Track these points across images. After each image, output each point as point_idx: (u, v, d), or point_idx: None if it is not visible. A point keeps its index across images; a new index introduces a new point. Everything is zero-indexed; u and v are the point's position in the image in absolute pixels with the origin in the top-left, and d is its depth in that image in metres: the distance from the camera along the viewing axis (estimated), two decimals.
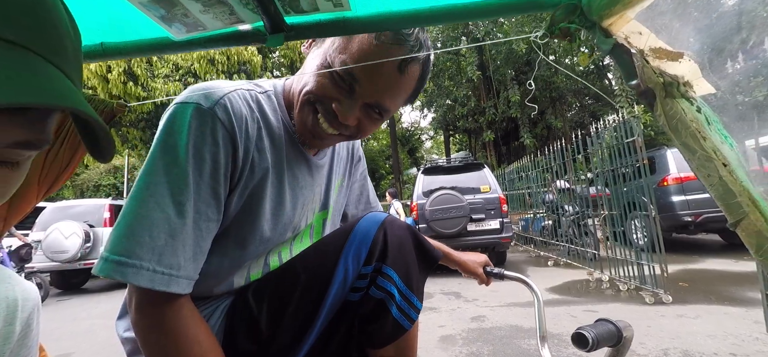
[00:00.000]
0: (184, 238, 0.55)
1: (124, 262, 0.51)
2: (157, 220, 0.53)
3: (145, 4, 0.58)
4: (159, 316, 0.55)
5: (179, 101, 0.60)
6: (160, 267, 0.53)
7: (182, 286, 0.55)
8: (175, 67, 10.70)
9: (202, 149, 0.57)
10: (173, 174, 0.55)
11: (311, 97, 0.68)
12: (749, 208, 0.65)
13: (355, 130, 0.72)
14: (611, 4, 0.63)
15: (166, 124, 0.58)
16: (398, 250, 0.68)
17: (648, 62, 0.67)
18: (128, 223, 0.53)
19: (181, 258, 0.55)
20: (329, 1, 0.66)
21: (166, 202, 0.54)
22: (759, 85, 1.32)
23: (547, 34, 0.72)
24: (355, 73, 0.65)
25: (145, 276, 0.51)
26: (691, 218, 5.24)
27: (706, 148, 0.66)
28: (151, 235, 0.53)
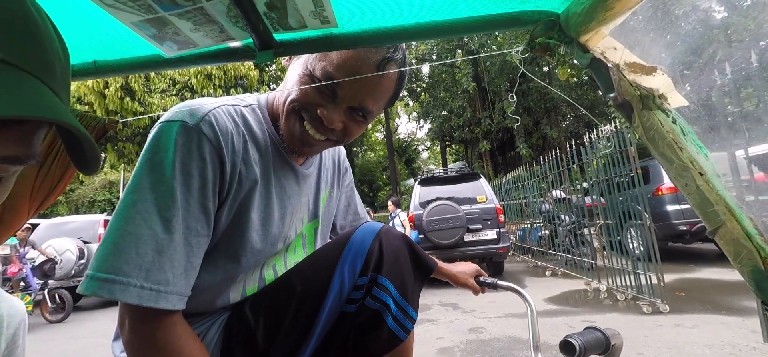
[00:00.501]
0: (172, 254, 0.55)
1: (111, 279, 0.51)
2: (144, 237, 0.53)
3: (136, 23, 0.60)
4: (149, 333, 0.54)
5: (164, 120, 0.61)
6: (148, 283, 0.52)
7: (172, 302, 0.55)
8: (172, 82, 10.77)
9: (189, 165, 0.58)
10: (160, 191, 0.55)
11: (296, 106, 0.70)
12: (726, 216, 0.66)
13: (342, 134, 0.73)
14: (587, 20, 0.66)
15: (151, 143, 0.59)
16: (394, 260, 0.69)
17: (624, 76, 0.70)
18: (114, 240, 0.53)
19: (170, 274, 0.55)
20: (317, 19, 0.69)
21: (152, 219, 0.54)
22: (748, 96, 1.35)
23: (528, 49, 0.75)
24: (335, 77, 0.67)
25: (133, 292, 0.51)
26: (686, 227, 5.26)
27: (682, 158, 0.69)
28: (138, 252, 0.52)
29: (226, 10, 0.62)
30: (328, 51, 0.75)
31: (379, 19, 0.74)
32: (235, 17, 0.64)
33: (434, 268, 0.78)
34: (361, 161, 25.45)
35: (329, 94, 0.68)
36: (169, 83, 10.72)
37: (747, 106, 0.75)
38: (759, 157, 1.67)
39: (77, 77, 0.75)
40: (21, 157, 0.32)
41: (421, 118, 19.67)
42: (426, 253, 0.77)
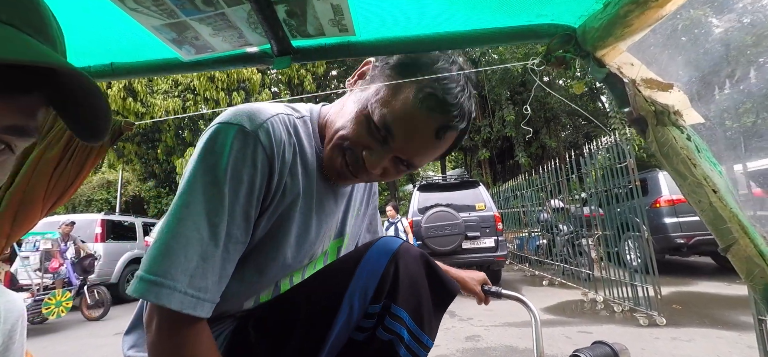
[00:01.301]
0: (214, 262, 0.55)
1: (161, 282, 0.50)
2: (193, 241, 0.53)
3: (157, 27, 0.60)
4: (180, 340, 0.53)
5: (222, 121, 0.59)
6: (191, 289, 0.52)
7: (206, 310, 0.54)
8: (174, 84, 10.75)
9: (241, 171, 0.57)
10: (211, 193, 0.55)
11: (345, 143, 0.67)
12: (739, 233, 0.66)
13: (378, 177, 0.72)
14: (604, 36, 0.66)
15: (207, 142, 0.57)
16: (410, 287, 0.65)
17: (640, 91, 0.70)
18: (166, 240, 0.53)
19: (210, 281, 0.54)
20: (335, 27, 0.69)
21: (201, 223, 0.54)
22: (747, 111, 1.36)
23: (544, 62, 0.75)
24: (392, 129, 0.64)
25: (177, 298, 0.51)
26: (684, 240, 5.27)
27: (696, 174, 0.69)
28: (186, 256, 0.52)
29: (246, 17, 0.62)
30: (345, 57, 0.75)
31: (397, 28, 0.74)
32: (254, 23, 0.64)
33: (455, 294, 0.74)
34: None
35: (380, 140, 0.65)
36: (172, 85, 10.71)
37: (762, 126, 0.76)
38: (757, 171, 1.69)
39: (94, 78, 0.74)
40: (24, 127, 0.32)
41: None
42: (447, 276, 0.72)
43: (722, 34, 0.69)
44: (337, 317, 0.63)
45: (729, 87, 0.66)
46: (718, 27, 0.71)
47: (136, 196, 16.91)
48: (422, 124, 0.63)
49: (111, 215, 8.63)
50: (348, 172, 0.68)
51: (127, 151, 11.53)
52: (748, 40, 0.69)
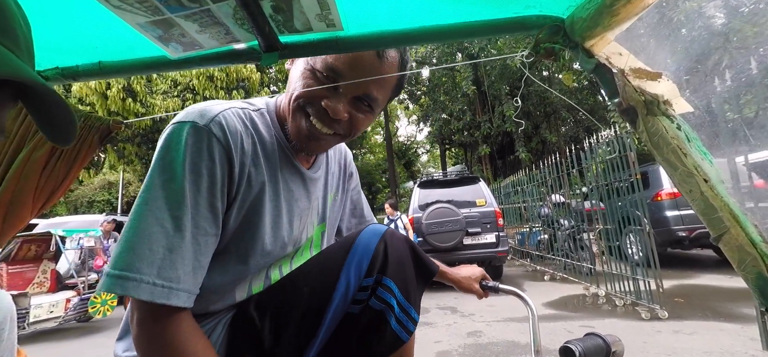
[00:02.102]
0: (183, 252, 0.56)
1: (126, 275, 0.52)
2: (156, 234, 0.54)
3: (142, 25, 0.60)
4: (159, 330, 0.55)
5: (176, 121, 0.62)
6: (160, 280, 0.53)
7: (182, 299, 0.56)
8: (173, 84, 10.76)
9: (199, 165, 0.59)
10: (170, 190, 0.56)
11: (301, 102, 0.70)
12: (730, 222, 0.66)
13: (348, 126, 0.73)
14: (592, 26, 0.66)
15: (163, 143, 0.60)
16: (398, 262, 0.70)
17: (629, 81, 0.70)
18: (128, 238, 0.54)
19: (180, 271, 0.56)
20: (322, 22, 0.69)
21: (164, 217, 0.55)
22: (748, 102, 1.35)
23: (533, 54, 0.75)
24: (336, 67, 0.68)
25: (146, 289, 0.52)
26: (686, 233, 5.26)
27: (687, 164, 0.69)
28: (151, 249, 0.54)
29: (232, 13, 0.62)
30: (333, 54, 0.75)
31: (385, 22, 0.74)
32: (241, 19, 0.64)
33: (436, 272, 0.79)
34: (360, 163, 25.44)
35: (332, 87, 0.69)
36: (171, 85, 10.72)
37: (748, 113, 0.75)
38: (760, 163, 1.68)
39: (82, 78, 0.75)
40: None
41: (421, 121, 19.69)
42: (428, 257, 0.78)
43: (710, 21, 0.68)
44: (336, 291, 0.67)
45: (718, 75, 0.65)
46: (705, 13, 0.70)
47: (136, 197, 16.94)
48: (362, 53, 0.68)
49: (112, 216, 8.66)
50: (316, 131, 0.70)
51: (128, 152, 11.55)
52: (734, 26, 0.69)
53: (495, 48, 13.09)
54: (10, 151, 0.64)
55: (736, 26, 0.75)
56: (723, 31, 0.67)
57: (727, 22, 0.68)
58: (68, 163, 0.69)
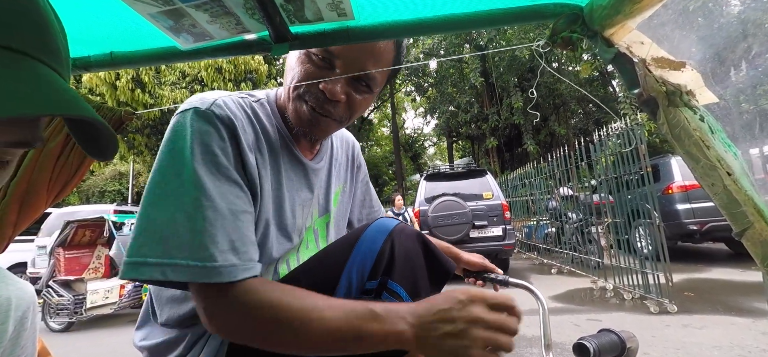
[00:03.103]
0: (213, 228, 0.54)
1: (162, 263, 0.51)
2: (180, 219, 0.53)
3: (153, 15, 0.59)
4: (226, 307, 0.53)
5: (178, 112, 0.61)
6: (194, 261, 0.51)
7: (226, 274, 0.53)
8: (182, 75, 10.81)
9: (210, 144, 0.58)
10: (185, 175, 0.55)
11: (300, 89, 0.70)
12: (754, 217, 0.64)
13: (347, 108, 0.72)
14: (612, 14, 0.64)
15: (169, 135, 0.59)
16: (405, 262, 0.65)
17: (650, 71, 0.68)
18: (152, 228, 0.53)
19: (214, 249, 0.53)
20: (334, 11, 0.67)
21: (185, 202, 0.54)
22: (765, 93, 1.31)
23: (549, 44, 0.73)
24: (333, 51, 0.67)
25: (182, 270, 0.51)
26: (697, 227, 5.19)
27: (709, 157, 0.66)
28: (178, 234, 0.52)
29: (243, 2, 0.61)
30: (345, 44, 0.74)
31: (397, 12, 0.72)
32: (251, 9, 0.63)
33: (452, 271, 0.75)
34: (367, 156, 25.44)
35: (328, 67, 0.68)
36: (180, 75, 10.77)
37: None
38: None
39: (94, 68, 0.74)
40: (29, 140, 0.33)
41: (428, 113, 19.56)
42: (444, 255, 0.73)
43: (739, 9, 0.66)
44: (336, 293, 0.64)
45: (747, 64, 0.63)
46: (734, 1, 0.67)
47: None
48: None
49: (123, 206, 8.79)
50: (316, 114, 0.69)
51: (138, 143, 11.68)
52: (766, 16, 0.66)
53: (504, 38, 12.91)
54: None
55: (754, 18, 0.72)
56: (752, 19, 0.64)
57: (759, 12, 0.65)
58: (81, 154, 0.69)
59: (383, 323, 0.50)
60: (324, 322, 0.51)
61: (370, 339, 0.50)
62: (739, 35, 0.68)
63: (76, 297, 4.18)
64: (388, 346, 0.50)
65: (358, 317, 0.51)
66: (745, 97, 0.69)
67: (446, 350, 0.49)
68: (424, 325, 0.50)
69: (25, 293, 0.48)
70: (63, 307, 4.20)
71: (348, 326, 0.51)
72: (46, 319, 4.34)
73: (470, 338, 0.49)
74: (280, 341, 0.53)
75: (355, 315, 0.51)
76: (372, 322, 0.50)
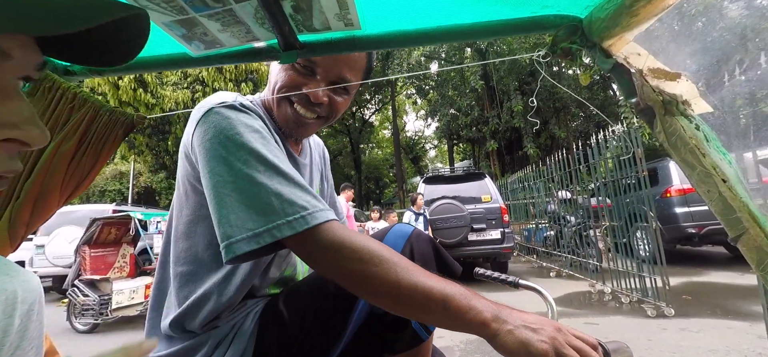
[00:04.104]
0: (290, 187, 0.60)
1: (260, 231, 0.56)
2: (260, 191, 0.58)
3: (167, 23, 0.61)
4: (325, 245, 0.57)
5: (204, 113, 0.65)
6: (289, 217, 0.57)
7: (319, 218, 0.58)
8: (183, 75, 10.83)
9: (252, 125, 0.64)
10: (246, 152, 0.60)
11: (284, 91, 0.76)
12: (749, 223, 0.66)
13: (329, 109, 0.79)
14: (611, 26, 0.66)
15: (210, 131, 0.63)
16: (422, 263, 0.69)
17: (647, 81, 0.70)
18: (232, 209, 0.58)
19: (300, 201, 0.59)
20: (341, 21, 0.69)
21: (256, 175, 0.59)
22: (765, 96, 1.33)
23: (550, 54, 0.75)
24: (313, 58, 0.74)
25: (285, 228, 0.56)
26: (695, 230, 5.21)
27: (705, 164, 0.68)
28: (266, 202, 0.58)
29: (253, 12, 0.63)
30: (351, 52, 0.76)
31: (402, 22, 0.74)
32: (261, 19, 0.65)
33: (459, 273, 0.79)
34: (368, 158, 25.46)
35: (309, 72, 0.75)
36: (182, 76, 10.80)
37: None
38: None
39: (107, 72, 0.76)
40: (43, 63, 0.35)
41: (429, 116, 19.61)
42: (451, 258, 0.78)
43: (732, 22, 0.68)
44: None
45: (740, 74, 0.65)
46: (727, 14, 0.69)
47: (147, 187, 17.21)
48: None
49: (123, 205, 8.77)
50: (300, 116, 0.76)
51: (139, 143, 11.69)
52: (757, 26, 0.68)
53: (505, 43, 12.94)
54: None
55: (758, 25, 0.74)
56: (744, 32, 0.66)
57: (748, 23, 0.67)
58: (94, 156, 0.71)
59: (470, 301, 0.52)
60: (415, 276, 0.54)
61: (456, 311, 0.52)
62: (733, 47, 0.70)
63: (102, 297, 4.06)
64: (468, 323, 0.52)
65: (449, 289, 0.53)
66: (747, 102, 0.71)
67: (518, 338, 0.49)
68: (506, 315, 0.52)
69: (31, 285, 0.47)
70: (88, 308, 4.08)
71: (439, 291, 0.53)
72: (71, 319, 4.23)
73: (547, 336, 0.49)
74: (373, 279, 0.55)
75: (447, 286, 0.54)
76: (462, 298, 0.52)
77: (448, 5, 0.70)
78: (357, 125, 22.20)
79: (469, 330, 0.52)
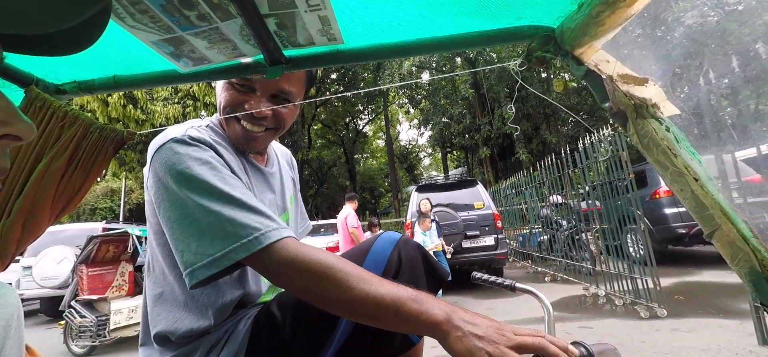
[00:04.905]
0: (241, 210, 0.62)
1: (217, 257, 0.59)
2: (212, 219, 0.61)
3: (155, 42, 0.63)
4: (278, 261, 0.60)
5: (155, 149, 0.68)
6: (243, 240, 0.59)
7: (272, 237, 0.60)
8: (174, 90, 10.82)
9: (201, 157, 0.66)
10: (197, 184, 0.62)
11: (229, 110, 0.77)
12: (721, 219, 0.69)
13: (275, 120, 0.80)
14: (580, 35, 0.69)
15: (163, 167, 0.65)
16: (410, 268, 0.73)
17: (618, 86, 0.73)
18: (192, 240, 0.61)
19: (255, 223, 0.61)
20: (324, 37, 0.72)
21: (209, 204, 0.61)
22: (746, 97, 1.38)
23: (525, 63, 0.78)
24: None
25: (241, 248, 0.59)
26: (685, 230, 5.26)
27: (677, 164, 0.72)
28: (220, 229, 0.60)
29: (239, 30, 0.66)
30: (335, 65, 0.79)
31: (383, 35, 0.77)
32: (247, 36, 0.68)
33: (446, 277, 0.82)
34: (362, 168, 25.47)
35: (248, 89, 0.77)
36: (172, 91, 10.78)
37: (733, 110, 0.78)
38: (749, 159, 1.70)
39: (97, 90, 0.78)
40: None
41: (422, 124, 19.74)
42: (439, 263, 0.81)
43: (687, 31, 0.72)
44: None
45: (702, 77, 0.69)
46: (685, 22, 0.74)
47: (139, 203, 17.03)
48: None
49: (114, 223, 8.63)
50: (248, 132, 0.78)
51: (130, 160, 11.60)
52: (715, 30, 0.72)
53: (494, 52, 13.14)
54: (29, 161, 0.67)
55: (718, 28, 0.78)
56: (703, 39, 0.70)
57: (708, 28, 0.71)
58: (85, 172, 0.72)
59: (421, 304, 0.55)
60: (366, 285, 0.56)
61: (407, 315, 0.54)
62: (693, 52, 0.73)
63: (99, 318, 3.94)
64: (420, 326, 0.54)
65: (400, 294, 0.56)
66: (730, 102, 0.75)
67: (465, 346, 0.51)
68: (457, 319, 0.54)
69: (8, 300, 0.46)
70: (85, 329, 3.95)
71: (390, 297, 0.55)
72: (68, 342, 4.08)
73: (492, 342, 0.51)
74: (326, 292, 0.57)
75: (398, 291, 0.56)
76: (412, 302, 0.55)
77: (427, 18, 0.74)
78: (351, 136, 22.26)
79: (423, 332, 0.55)
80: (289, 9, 0.62)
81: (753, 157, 1.62)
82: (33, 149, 0.67)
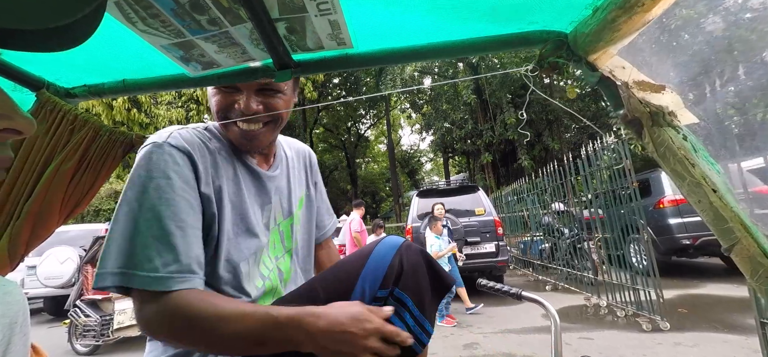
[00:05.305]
0: (167, 244, 0.62)
1: (117, 273, 0.60)
2: (143, 235, 0.61)
3: (165, 46, 0.63)
4: (158, 309, 0.60)
5: (142, 147, 0.69)
6: (142, 272, 0.60)
7: (170, 283, 0.60)
8: (178, 94, 10.87)
9: (165, 170, 0.65)
10: (142, 198, 0.63)
11: (222, 114, 0.77)
12: (741, 233, 0.66)
13: (266, 117, 0.79)
14: (595, 41, 0.68)
15: (135, 167, 0.67)
16: (413, 275, 0.71)
17: (633, 93, 0.72)
18: (108, 245, 0.62)
19: (158, 262, 0.61)
20: (333, 41, 0.71)
21: (139, 221, 0.62)
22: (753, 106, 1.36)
23: (537, 68, 0.77)
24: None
25: (135, 279, 0.59)
26: (690, 241, 5.17)
27: (694, 174, 0.69)
28: (142, 246, 0.61)
29: (248, 34, 0.65)
30: (344, 69, 0.78)
31: (393, 40, 0.76)
32: (257, 40, 0.67)
33: (451, 286, 0.80)
34: (364, 173, 25.48)
35: (234, 89, 0.77)
36: (175, 95, 10.83)
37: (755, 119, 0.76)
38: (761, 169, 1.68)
39: (107, 94, 0.78)
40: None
41: (424, 130, 19.77)
42: (444, 270, 0.79)
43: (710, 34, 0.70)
44: (351, 298, 0.69)
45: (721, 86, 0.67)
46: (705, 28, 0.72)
47: None
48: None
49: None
50: (246, 131, 0.77)
51: (133, 162, 11.62)
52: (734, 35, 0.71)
53: (497, 57, 13.17)
54: (40, 163, 0.67)
55: (738, 35, 0.76)
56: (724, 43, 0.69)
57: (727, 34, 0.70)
58: (94, 175, 0.71)
59: (284, 331, 0.59)
60: (230, 327, 0.60)
61: (271, 343, 0.60)
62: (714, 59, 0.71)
63: (103, 317, 4.02)
64: (287, 349, 0.60)
65: (262, 325, 0.60)
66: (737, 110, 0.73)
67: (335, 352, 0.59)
68: (323, 337, 0.60)
69: (14, 297, 0.46)
70: (89, 329, 4.03)
71: (250, 332, 0.59)
72: (72, 340, 4.17)
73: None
74: (194, 342, 0.62)
75: (260, 323, 0.60)
76: (273, 331, 0.59)
77: (437, 23, 0.73)
78: (352, 140, 22.29)
79: (294, 348, 0.60)
80: (299, 13, 0.61)
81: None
82: (43, 152, 0.67)
